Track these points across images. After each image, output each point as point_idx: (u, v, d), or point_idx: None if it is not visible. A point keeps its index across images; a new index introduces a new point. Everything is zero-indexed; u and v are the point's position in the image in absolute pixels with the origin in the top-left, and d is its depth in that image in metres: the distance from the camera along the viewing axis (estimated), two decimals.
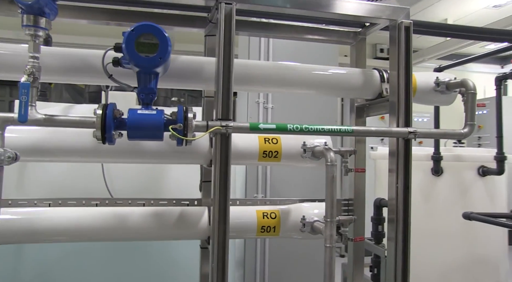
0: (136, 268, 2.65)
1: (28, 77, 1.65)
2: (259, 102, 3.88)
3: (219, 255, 1.87)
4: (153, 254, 2.64)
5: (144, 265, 2.68)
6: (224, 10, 1.89)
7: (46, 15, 1.67)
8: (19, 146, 1.81)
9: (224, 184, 1.88)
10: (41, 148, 1.92)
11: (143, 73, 1.75)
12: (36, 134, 1.92)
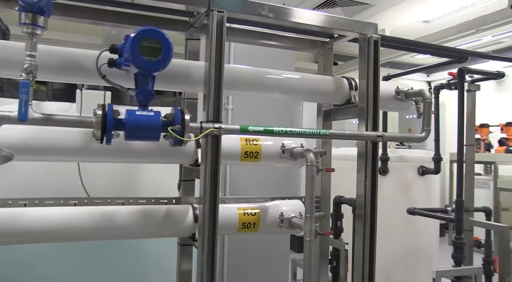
0: (106, 268, 2.64)
1: (27, 75, 1.64)
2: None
3: (209, 251, 1.96)
4: (125, 252, 2.66)
5: (114, 265, 2.69)
6: (216, 17, 1.99)
7: (45, 14, 1.67)
8: (6, 145, 1.78)
9: (214, 183, 1.98)
10: (29, 147, 1.89)
11: (142, 76, 1.80)
12: (23, 133, 1.88)
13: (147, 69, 1.73)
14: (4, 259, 2.44)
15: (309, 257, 2.11)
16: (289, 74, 2.39)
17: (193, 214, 2.18)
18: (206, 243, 1.96)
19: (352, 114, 2.56)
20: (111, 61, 1.83)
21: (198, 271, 2.00)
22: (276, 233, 2.39)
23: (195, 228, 2.17)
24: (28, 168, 2.46)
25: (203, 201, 1.99)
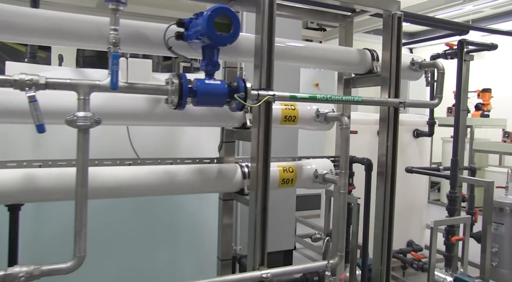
0: (150, 223, 2.89)
1: (114, 48, 1.83)
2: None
3: (262, 202, 2.26)
4: (171, 208, 2.91)
5: (155, 221, 2.94)
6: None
7: None
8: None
9: (266, 143, 2.25)
10: (102, 113, 2.08)
11: (210, 48, 2.02)
12: (97, 100, 2.07)
13: (219, 43, 1.95)
14: (64, 214, 2.65)
15: (344, 208, 2.45)
16: (323, 46, 2.64)
17: (241, 171, 2.45)
18: (259, 196, 2.26)
19: (372, 82, 2.85)
20: (179, 34, 2.04)
21: (251, 220, 2.30)
22: (309, 187, 2.70)
23: (243, 183, 2.44)
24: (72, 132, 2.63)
25: (256, 160, 2.26)
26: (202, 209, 3.05)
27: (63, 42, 2.13)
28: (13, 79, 1.68)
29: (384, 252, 2.70)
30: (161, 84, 1.98)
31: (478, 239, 3.96)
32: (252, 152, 2.31)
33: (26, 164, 2.11)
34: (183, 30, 2.05)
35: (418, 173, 4.04)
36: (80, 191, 1.81)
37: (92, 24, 2.07)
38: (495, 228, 4.04)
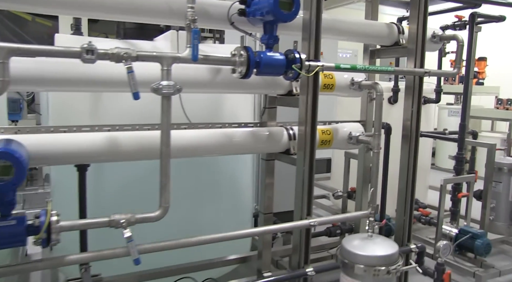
0: (200, 182, 3.18)
1: (193, 24, 2.08)
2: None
3: (310, 161, 2.57)
4: (213, 169, 3.20)
5: (198, 181, 3.23)
6: None
7: None
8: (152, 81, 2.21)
9: (314, 108, 2.54)
10: None
11: (271, 24, 2.27)
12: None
13: (282, 19, 2.20)
14: (119, 174, 2.92)
15: (377, 166, 2.77)
16: (357, 21, 2.90)
17: (287, 134, 2.75)
18: (307, 155, 2.57)
19: (398, 53, 3.15)
20: (241, 11, 2.28)
21: (298, 176, 2.62)
22: (343, 148, 3.03)
23: (289, 144, 2.74)
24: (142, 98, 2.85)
25: (304, 123, 2.56)
26: (239, 169, 3.35)
27: (136, 18, 2.35)
28: (112, 53, 1.92)
29: (407, 204, 3.06)
30: (229, 56, 2.23)
31: (478, 197, 4.36)
32: (300, 116, 2.60)
33: (98, 129, 2.36)
34: (244, 7, 2.30)
35: (428, 136, 4.39)
36: (164, 151, 2.09)
37: (164, 1, 2.29)
38: (493, 186, 4.44)
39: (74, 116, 2.94)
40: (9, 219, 1.81)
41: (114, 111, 2.90)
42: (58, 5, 2.11)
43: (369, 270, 2.21)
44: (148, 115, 2.76)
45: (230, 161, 3.30)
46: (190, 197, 3.17)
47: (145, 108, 2.85)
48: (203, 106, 3.16)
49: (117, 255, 2.05)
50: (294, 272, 2.59)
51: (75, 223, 1.96)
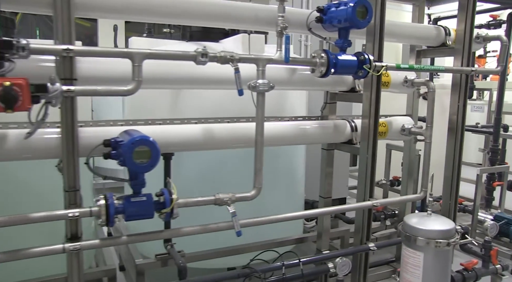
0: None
1: (284, 31, 2.42)
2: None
3: (373, 150, 2.92)
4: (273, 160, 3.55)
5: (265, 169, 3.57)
6: None
7: None
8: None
9: (377, 103, 2.89)
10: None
11: (346, 30, 2.61)
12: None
13: (358, 26, 2.53)
14: (202, 161, 3.27)
15: (429, 156, 3.11)
16: (409, 25, 3.24)
17: (350, 126, 3.09)
18: (370, 145, 2.91)
19: (444, 54, 3.47)
20: (319, 18, 2.62)
21: (362, 163, 2.97)
22: (395, 139, 3.37)
23: (351, 135, 3.09)
24: (213, 95, 3.20)
25: (367, 117, 2.91)
26: (295, 160, 3.70)
27: (224, 24, 2.71)
28: (219, 56, 2.26)
29: (453, 190, 3.39)
30: (311, 58, 2.58)
31: (509, 187, 4.68)
32: (364, 110, 2.95)
33: (187, 121, 2.72)
34: (321, 15, 2.64)
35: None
36: (259, 140, 2.44)
37: (251, 10, 2.64)
38: None
39: (156, 110, 3.30)
40: (140, 195, 2.18)
41: (191, 106, 3.26)
42: (153, 14, 2.44)
43: (431, 242, 2.55)
44: (219, 110, 3.12)
45: (288, 152, 3.65)
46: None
47: (216, 104, 3.23)
48: (269, 102, 3.51)
49: (220, 228, 2.41)
50: (358, 247, 2.95)
51: (188, 201, 2.31)
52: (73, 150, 2.12)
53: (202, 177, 3.36)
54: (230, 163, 3.37)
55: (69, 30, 2.03)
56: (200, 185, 3.32)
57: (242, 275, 2.64)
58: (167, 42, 3.80)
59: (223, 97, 3.25)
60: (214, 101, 3.26)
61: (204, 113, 3.01)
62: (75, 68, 2.08)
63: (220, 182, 3.35)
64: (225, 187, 2.44)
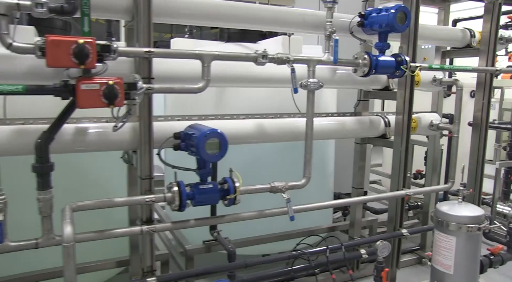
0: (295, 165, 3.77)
1: (333, 35, 2.66)
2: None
3: (406, 143, 3.16)
4: None
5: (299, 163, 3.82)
6: None
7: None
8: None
9: (410, 100, 3.13)
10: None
11: (385, 33, 2.85)
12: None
13: (398, 31, 2.78)
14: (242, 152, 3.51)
15: (456, 148, 3.35)
16: (438, 27, 3.49)
17: (384, 121, 3.34)
18: (404, 139, 3.16)
19: (468, 54, 3.71)
20: (361, 23, 2.87)
21: (396, 156, 3.21)
22: (424, 134, 3.62)
23: (385, 130, 3.34)
24: (257, 93, 3.44)
25: (401, 113, 3.15)
26: (327, 153, 3.94)
27: (273, 28, 2.95)
28: (277, 57, 2.51)
29: (477, 181, 3.64)
30: (353, 59, 2.82)
31: None
32: (397, 107, 3.19)
33: (236, 117, 2.96)
34: (362, 20, 2.88)
35: None
36: (309, 133, 2.69)
37: (299, 15, 2.88)
38: None
39: (201, 106, 3.55)
40: (207, 183, 2.43)
41: (235, 103, 3.51)
42: (216, 19, 2.70)
43: (463, 227, 2.79)
44: (258, 106, 3.36)
45: (320, 147, 3.89)
46: (289, 176, 3.77)
47: (255, 101, 3.47)
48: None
49: (274, 214, 2.67)
50: (392, 233, 3.20)
51: (248, 188, 2.54)
52: (149, 141, 2.37)
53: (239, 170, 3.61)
54: (263, 157, 3.61)
55: (148, 35, 2.27)
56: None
57: (292, 257, 2.89)
58: (206, 43, 4.04)
59: (262, 95, 3.51)
60: (253, 99, 3.51)
61: (244, 110, 3.26)
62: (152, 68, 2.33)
63: (255, 175, 3.60)
64: (262, 179, 2.65)
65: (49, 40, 1.81)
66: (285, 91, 3.53)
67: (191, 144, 2.30)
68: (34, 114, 2.37)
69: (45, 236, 2.11)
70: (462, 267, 2.78)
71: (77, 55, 1.82)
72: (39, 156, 2.05)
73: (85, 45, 1.83)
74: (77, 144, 2.35)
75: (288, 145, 3.29)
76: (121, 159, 2.81)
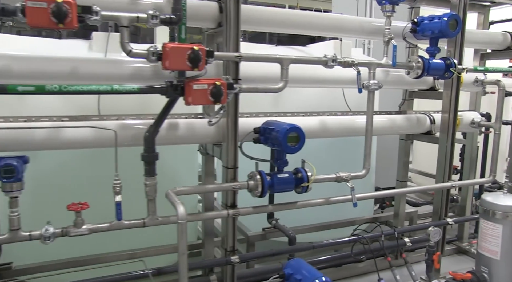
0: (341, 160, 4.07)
1: (391, 41, 2.96)
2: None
3: (452, 139, 3.45)
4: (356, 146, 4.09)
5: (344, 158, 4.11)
6: None
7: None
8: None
9: (456, 99, 3.41)
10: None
11: (436, 39, 3.14)
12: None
13: (450, 36, 3.06)
14: None
15: (498, 144, 3.62)
16: (481, 32, 3.76)
17: (429, 119, 3.62)
18: (450, 135, 3.44)
19: (508, 56, 3.98)
20: (413, 29, 3.15)
21: (441, 150, 3.50)
22: (465, 131, 3.89)
23: (430, 127, 3.62)
24: (308, 92, 3.74)
25: (447, 111, 3.44)
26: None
27: (332, 34, 3.26)
28: (344, 61, 2.80)
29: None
30: (407, 63, 3.11)
31: None
32: (444, 106, 3.48)
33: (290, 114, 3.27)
34: (415, 27, 3.16)
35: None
36: (369, 129, 2.99)
37: (357, 22, 3.18)
38: None
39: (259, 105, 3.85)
40: (283, 173, 2.73)
41: (291, 103, 3.81)
42: (290, 26, 3.03)
43: (509, 216, 3.07)
44: (315, 105, 3.66)
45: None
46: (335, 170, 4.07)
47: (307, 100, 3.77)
48: (353, 99, 4.05)
49: (339, 201, 2.97)
50: (438, 222, 3.48)
51: (317, 178, 2.83)
52: (235, 135, 2.68)
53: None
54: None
55: (236, 41, 2.58)
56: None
57: (352, 241, 3.19)
58: (260, 46, 4.35)
59: (314, 94, 3.81)
60: (304, 98, 3.80)
61: (299, 108, 3.56)
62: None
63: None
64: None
65: (169, 47, 2.13)
66: (334, 91, 3.85)
67: (272, 137, 2.61)
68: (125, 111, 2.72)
69: (150, 216, 2.43)
70: (508, 253, 3.05)
71: (192, 60, 2.14)
72: (147, 147, 2.38)
73: (199, 51, 2.15)
74: (170, 137, 2.66)
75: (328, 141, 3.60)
76: (198, 151, 3.14)
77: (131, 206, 2.46)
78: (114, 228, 2.36)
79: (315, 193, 2.82)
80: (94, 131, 2.46)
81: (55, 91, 2.12)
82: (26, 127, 2.36)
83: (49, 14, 1.87)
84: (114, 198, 2.31)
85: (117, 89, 2.23)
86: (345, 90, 3.72)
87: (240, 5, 2.55)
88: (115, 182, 2.33)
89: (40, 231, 2.22)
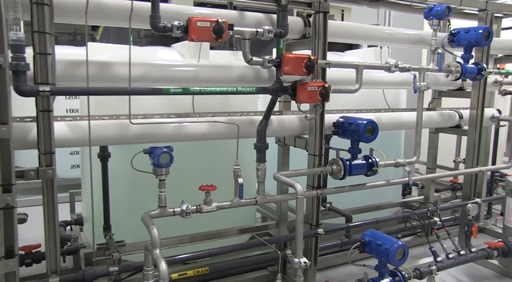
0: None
1: (437, 50, 3.57)
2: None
3: (479, 132, 4.10)
4: (388, 139, 4.71)
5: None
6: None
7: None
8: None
9: (483, 97, 4.06)
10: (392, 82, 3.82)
11: (470, 47, 3.77)
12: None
13: (483, 45, 3.70)
14: None
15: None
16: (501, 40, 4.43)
17: (458, 115, 4.26)
18: (477, 128, 4.09)
19: None
20: (451, 39, 3.78)
21: (470, 143, 4.14)
22: (486, 125, 4.55)
23: (459, 122, 4.26)
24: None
25: (476, 108, 4.09)
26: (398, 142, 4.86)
27: (386, 43, 3.86)
28: (402, 66, 3.39)
29: None
30: (447, 67, 3.74)
31: None
32: (472, 103, 4.13)
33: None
34: (452, 37, 3.79)
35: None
36: (420, 123, 3.59)
37: (404, 34, 3.79)
38: None
39: None
40: (357, 159, 3.30)
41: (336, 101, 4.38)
42: (358, 38, 3.61)
43: None
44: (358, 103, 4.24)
45: (394, 137, 4.82)
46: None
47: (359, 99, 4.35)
48: (391, 97, 4.67)
49: (396, 183, 3.57)
50: (467, 202, 4.12)
51: (381, 163, 3.42)
52: (321, 128, 3.23)
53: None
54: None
55: (324, 50, 3.14)
56: None
57: (406, 216, 3.79)
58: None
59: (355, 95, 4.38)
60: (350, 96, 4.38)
61: (343, 106, 4.13)
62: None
63: None
64: None
65: (289, 56, 2.68)
66: (374, 92, 4.45)
67: (352, 129, 3.17)
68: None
69: (261, 196, 2.95)
70: None
71: (308, 67, 2.69)
72: (260, 138, 2.91)
73: (313, 60, 2.69)
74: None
75: None
76: (276, 143, 3.68)
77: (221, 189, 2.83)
78: (234, 205, 2.86)
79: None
80: (210, 126, 2.97)
81: (196, 92, 2.62)
82: (161, 123, 2.84)
83: (210, 31, 2.39)
84: (237, 180, 2.81)
85: (241, 90, 2.75)
86: (383, 91, 4.34)
87: (327, 20, 3.12)
88: (236, 167, 2.83)
89: (181, 208, 2.70)
